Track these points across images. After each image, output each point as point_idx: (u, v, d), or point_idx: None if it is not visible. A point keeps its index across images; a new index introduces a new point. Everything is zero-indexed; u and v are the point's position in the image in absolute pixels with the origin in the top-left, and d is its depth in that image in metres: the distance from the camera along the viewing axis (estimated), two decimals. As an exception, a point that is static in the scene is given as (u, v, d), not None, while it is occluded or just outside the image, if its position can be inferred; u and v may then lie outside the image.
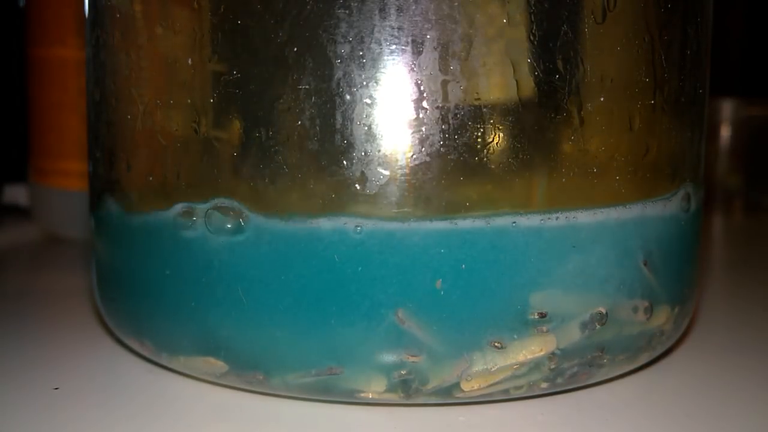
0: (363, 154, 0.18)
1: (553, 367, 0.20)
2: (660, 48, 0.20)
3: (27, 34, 0.42)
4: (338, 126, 0.18)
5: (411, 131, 0.18)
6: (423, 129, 0.18)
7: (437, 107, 0.18)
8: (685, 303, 0.23)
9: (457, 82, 0.18)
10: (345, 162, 0.18)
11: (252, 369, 0.20)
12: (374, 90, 0.18)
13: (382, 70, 0.18)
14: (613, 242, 0.20)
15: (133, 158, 0.22)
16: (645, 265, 0.21)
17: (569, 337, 0.19)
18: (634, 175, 0.20)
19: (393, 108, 0.18)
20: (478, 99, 0.18)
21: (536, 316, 0.19)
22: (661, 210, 0.21)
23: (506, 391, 0.20)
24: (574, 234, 0.19)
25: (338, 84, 0.18)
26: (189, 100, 0.20)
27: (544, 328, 0.19)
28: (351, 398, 0.19)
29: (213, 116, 0.19)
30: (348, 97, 0.18)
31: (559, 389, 0.21)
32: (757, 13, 0.74)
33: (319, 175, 0.19)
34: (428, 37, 0.18)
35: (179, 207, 0.20)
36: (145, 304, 0.21)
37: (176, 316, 0.20)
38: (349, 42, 0.18)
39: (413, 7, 0.18)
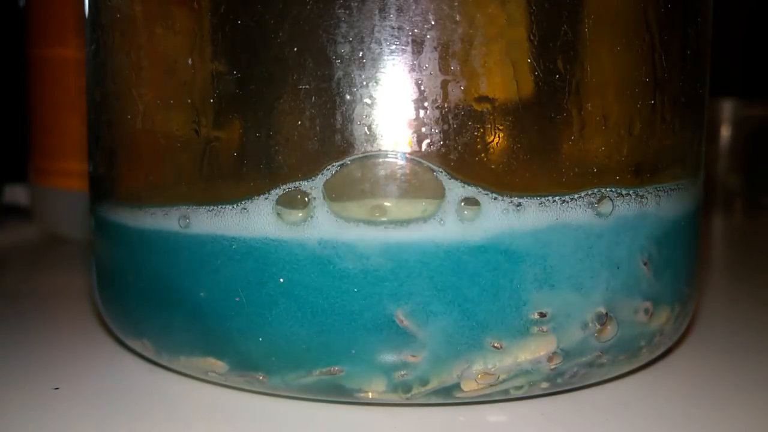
0: (363, 154, 0.18)
1: (553, 367, 0.20)
2: (660, 48, 0.20)
3: (27, 34, 0.42)
4: (338, 126, 0.18)
5: (411, 131, 0.18)
6: (423, 129, 0.18)
7: (437, 107, 0.18)
8: (686, 303, 0.23)
9: (457, 82, 0.18)
10: (345, 162, 0.18)
11: (252, 369, 0.20)
12: (374, 90, 0.18)
13: (382, 70, 0.18)
14: (613, 242, 0.20)
15: (133, 158, 0.22)
16: (645, 265, 0.21)
17: (570, 337, 0.20)
18: (634, 175, 0.20)
19: (393, 108, 0.18)
20: (479, 99, 0.18)
21: (536, 316, 0.19)
22: (661, 210, 0.21)
23: (506, 391, 0.20)
24: (574, 233, 0.19)
25: (338, 84, 0.18)
26: (189, 100, 0.20)
27: (545, 328, 0.19)
28: (351, 398, 0.19)
29: (213, 116, 0.19)
30: (348, 97, 0.18)
31: (559, 389, 0.21)
32: (757, 13, 0.74)
33: (318, 175, 0.19)
34: (428, 37, 0.18)
35: (179, 207, 0.20)
36: (145, 304, 0.21)
37: (176, 316, 0.20)
38: (349, 42, 0.18)
39: (413, 7, 0.18)
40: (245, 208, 0.19)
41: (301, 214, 0.19)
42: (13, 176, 0.48)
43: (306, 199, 0.19)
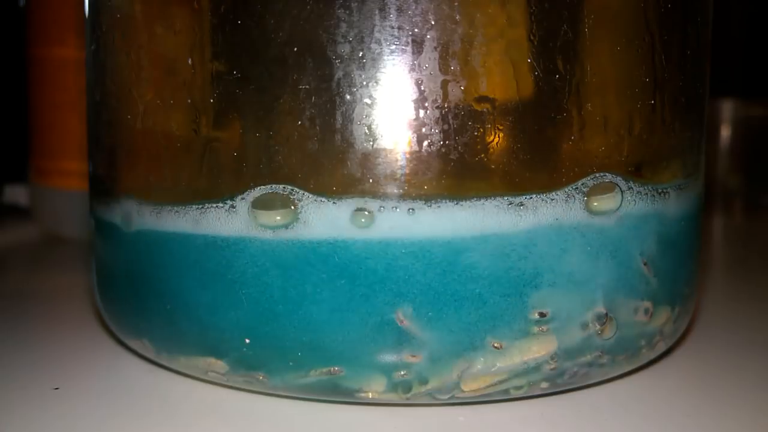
0: (363, 154, 0.18)
1: (553, 367, 0.20)
2: (660, 48, 0.20)
3: (27, 34, 0.42)
4: (338, 126, 0.18)
5: (411, 131, 0.18)
6: (423, 129, 0.18)
7: (437, 107, 0.18)
8: (686, 303, 0.23)
9: (457, 82, 0.18)
10: (345, 162, 0.18)
11: (252, 369, 0.20)
12: (374, 90, 0.18)
13: (382, 70, 0.18)
14: (613, 242, 0.20)
15: (133, 158, 0.22)
16: (645, 265, 0.21)
17: (570, 337, 0.19)
18: (634, 175, 0.20)
19: (393, 108, 0.18)
20: (479, 99, 0.18)
21: (537, 316, 0.19)
22: (661, 210, 0.21)
23: (506, 391, 0.20)
24: (574, 233, 0.19)
25: (338, 84, 0.18)
26: (189, 100, 0.20)
27: (545, 328, 0.19)
28: (351, 398, 0.19)
29: (213, 116, 0.19)
30: (348, 97, 0.18)
31: (559, 389, 0.21)
32: (757, 13, 0.74)
33: (318, 175, 0.19)
34: (428, 37, 0.18)
35: (179, 206, 0.20)
36: (145, 304, 0.21)
37: (176, 316, 0.20)
38: (349, 42, 0.18)
39: (413, 7, 0.18)
40: (245, 208, 0.19)
41: (299, 214, 0.19)
42: (13, 176, 0.48)
43: (303, 199, 0.19)
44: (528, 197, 0.19)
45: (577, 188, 0.19)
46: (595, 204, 0.19)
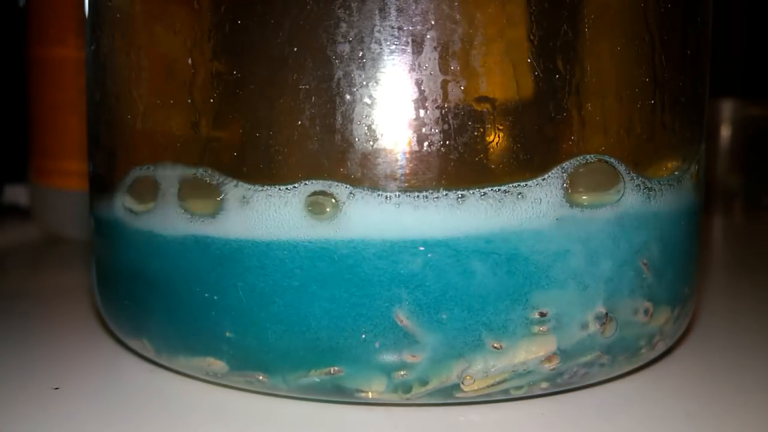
0: (363, 154, 0.18)
1: (553, 367, 0.20)
2: (660, 48, 0.20)
3: (27, 34, 0.42)
4: (338, 126, 0.18)
5: (411, 131, 0.18)
6: (423, 129, 0.18)
7: (437, 107, 0.18)
8: (685, 303, 0.23)
9: (457, 82, 0.18)
10: (345, 162, 0.18)
11: (252, 369, 0.20)
12: (374, 90, 0.18)
13: (382, 70, 0.18)
14: (612, 242, 0.20)
15: (132, 158, 0.22)
16: (645, 265, 0.21)
17: (570, 337, 0.20)
18: (634, 175, 0.20)
19: (393, 108, 0.18)
20: (479, 99, 0.18)
21: (537, 316, 0.19)
22: (661, 210, 0.21)
23: (506, 391, 0.20)
24: (574, 234, 0.19)
25: (338, 84, 0.18)
26: (189, 100, 0.20)
27: (545, 328, 0.19)
28: (351, 398, 0.19)
29: (213, 116, 0.19)
30: (348, 97, 0.18)
31: (559, 389, 0.21)
32: (758, 13, 0.74)
33: (318, 175, 0.19)
34: (428, 37, 0.18)
35: (179, 207, 0.20)
36: (145, 304, 0.21)
37: (176, 315, 0.20)
38: (349, 42, 0.18)
39: (413, 7, 0.18)
40: (244, 209, 0.19)
41: (298, 214, 0.19)
42: (13, 176, 0.48)
43: (302, 199, 0.19)
44: (527, 196, 0.19)
45: (576, 186, 0.19)
46: (593, 197, 0.19)
